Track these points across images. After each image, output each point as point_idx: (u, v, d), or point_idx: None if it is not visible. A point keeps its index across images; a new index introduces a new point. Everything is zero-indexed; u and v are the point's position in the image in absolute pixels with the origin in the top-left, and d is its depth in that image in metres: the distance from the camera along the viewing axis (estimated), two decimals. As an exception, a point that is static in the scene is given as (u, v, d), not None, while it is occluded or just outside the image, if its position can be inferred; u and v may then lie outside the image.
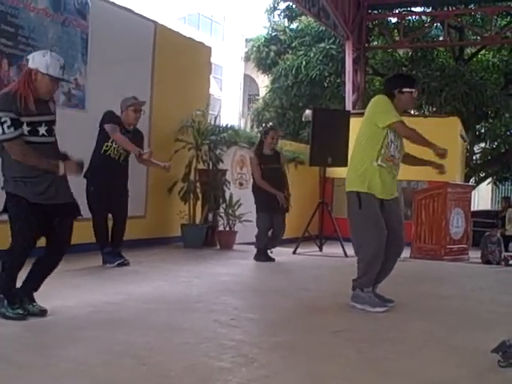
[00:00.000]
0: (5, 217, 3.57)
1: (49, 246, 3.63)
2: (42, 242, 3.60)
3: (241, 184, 10.15)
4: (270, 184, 6.79)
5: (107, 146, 5.75)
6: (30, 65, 3.54)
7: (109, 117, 5.77)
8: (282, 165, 7.14)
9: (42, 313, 3.56)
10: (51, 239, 3.62)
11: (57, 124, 3.68)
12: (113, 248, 5.80)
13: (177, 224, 7.83)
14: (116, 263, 5.68)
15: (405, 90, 4.27)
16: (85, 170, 4.14)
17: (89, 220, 5.90)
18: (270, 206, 6.83)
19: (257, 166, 6.88)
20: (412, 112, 18.54)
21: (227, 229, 8.08)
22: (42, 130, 3.53)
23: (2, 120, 3.38)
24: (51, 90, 3.58)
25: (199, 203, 7.97)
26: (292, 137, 16.09)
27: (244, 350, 3.03)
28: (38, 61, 3.52)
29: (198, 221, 7.90)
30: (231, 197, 8.19)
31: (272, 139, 7.01)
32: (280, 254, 7.17)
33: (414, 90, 4.31)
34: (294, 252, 7.93)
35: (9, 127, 3.38)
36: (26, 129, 3.45)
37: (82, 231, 6.21)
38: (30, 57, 3.59)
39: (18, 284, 3.59)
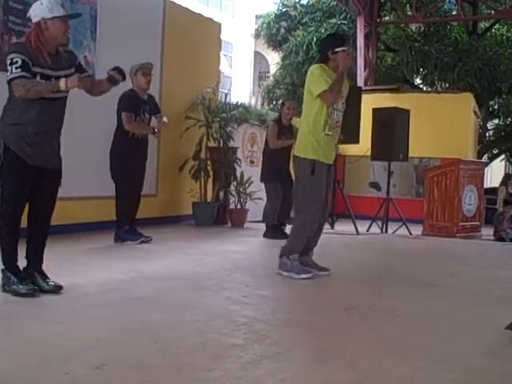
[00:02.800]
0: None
1: (36, 213, 3.63)
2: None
3: (252, 162, 10.11)
4: (281, 153, 6.82)
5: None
6: (34, 18, 3.53)
7: (123, 103, 5.76)
8: (294, 137, 7.15)
9: (57, 289, 3.58)
10: (37, 204, 3.61)
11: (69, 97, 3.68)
12: (130, 225, 5.85)
13: (188, 202, 7.83)
14: (139, 241, 5.72)
15: (337, 49, 4.42)
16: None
17: (97, 199, 5.93)
18: (281, 175, 6.86)
19: (273, 133, 6.92)
20: (424, 88, 18.43)
21: (238, 207, 8.07)
22: None
23: (14, 60, 3.41)
24: (64, 31, 3.58)
25: (210, 181, 7.97)
26: (303, 114, 15.97)
27: (256, 326, 3.03)
28: (40, 10, 3.52)
29: (209, 199, 7.89)
30: (242, 175, 8.16)
31: (288, 109, 7.05)
32: (291, 231, 7.15)
33: (345, 48, 4.47)
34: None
35: (17, 68, 3.40)
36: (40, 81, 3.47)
37: (88, 210, 6.28)
38: (30, 13, 3.58)
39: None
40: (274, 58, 22.67)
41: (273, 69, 22.11)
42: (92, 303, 3.44)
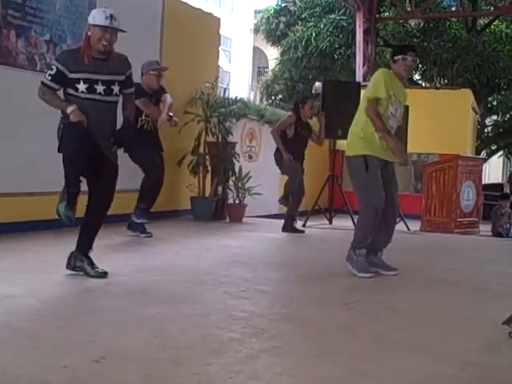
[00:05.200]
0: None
1: (93, 201, 3.88)
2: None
3: (250, 157, 10.11)
4: (294, 150, 6.86)
5: (142, 121, 5.83)
6: (89, 22, 3.78)
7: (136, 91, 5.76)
8: (309, 135, 7.24)
9: (103, 275, 3.86)
10: (95, 192, 3.86)
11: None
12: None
13: (186, 197, 7.83)
14: (144, 235, 5.86)
15: (396, 57, 4.43)
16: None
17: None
18: (300, 160, 6.97)
19: (285, 123, 6.95)
20: (423, 84, 18.42)
21: (237, 202, 8.08)
22: (100, 88, 3.72)
23: (52, 67, 3.74)
24: (99, 38, 3.71)
25: (209, 176, 7.96)
26: (302, 109, 15.94)
27: (254, 321, 3.03)
28: (91, 16, 3.78)
29: (207, 194, 7.89)
30: (241, 170, 8.16)
31: (310, 109, 7.08)
32: (290, 226, 7.16)
33: (402, 56, 4.39)
34: (304, 225, 7.92)
35: (49, 75, 3.71)
36: (83, 86, 3.67)
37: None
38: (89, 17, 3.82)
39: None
40: (272, 54, 22.67)
41: (272, 64, 22.11)
42: (91, 297, 3.44)
